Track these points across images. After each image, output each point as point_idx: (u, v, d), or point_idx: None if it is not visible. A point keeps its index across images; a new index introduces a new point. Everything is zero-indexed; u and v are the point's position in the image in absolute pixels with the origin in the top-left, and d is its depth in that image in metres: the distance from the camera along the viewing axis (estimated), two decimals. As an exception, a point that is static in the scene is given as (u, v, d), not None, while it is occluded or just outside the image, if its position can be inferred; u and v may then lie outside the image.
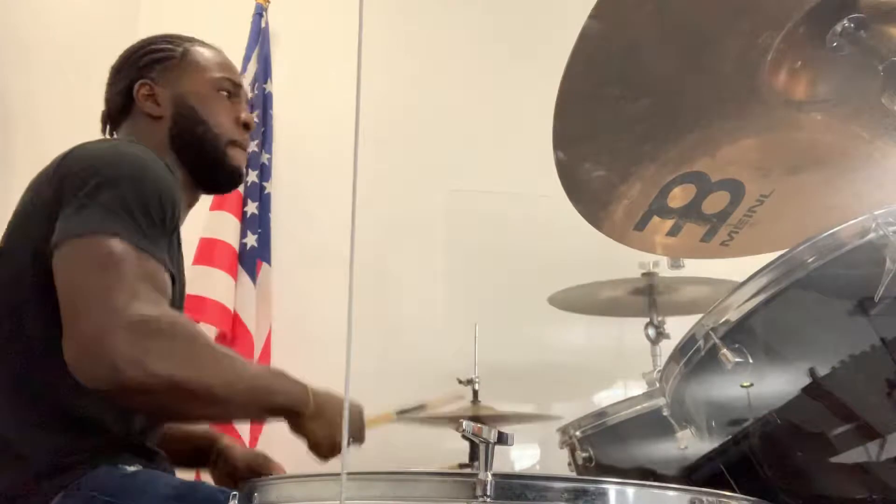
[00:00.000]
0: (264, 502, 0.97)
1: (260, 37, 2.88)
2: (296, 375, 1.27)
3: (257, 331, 2.60)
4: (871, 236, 0.95)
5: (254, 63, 2.83)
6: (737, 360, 1.05)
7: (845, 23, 1.21)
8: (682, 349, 1.17)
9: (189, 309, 1.59)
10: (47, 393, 1.19)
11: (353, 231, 0.77)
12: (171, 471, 1.35)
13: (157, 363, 1.07)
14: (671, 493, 0.92)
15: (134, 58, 1.46)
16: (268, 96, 2.86)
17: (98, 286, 1.10)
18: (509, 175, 2.88)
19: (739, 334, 1.06)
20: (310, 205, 2.84)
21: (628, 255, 1.62)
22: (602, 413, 1.61)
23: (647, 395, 1.54)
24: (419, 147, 2.96)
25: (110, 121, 1.47)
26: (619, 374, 2.74)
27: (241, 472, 1.50)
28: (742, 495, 0.98)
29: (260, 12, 2.91)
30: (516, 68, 2.97)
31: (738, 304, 1.06)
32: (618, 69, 1.25)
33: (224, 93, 1.46)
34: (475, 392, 2.04)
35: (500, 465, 0.87)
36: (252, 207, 2.71)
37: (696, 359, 1.14)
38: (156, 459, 1.30)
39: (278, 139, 2.86)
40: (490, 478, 0.84)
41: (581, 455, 1.61)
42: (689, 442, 1.27)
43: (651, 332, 2.23)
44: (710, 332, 1.08)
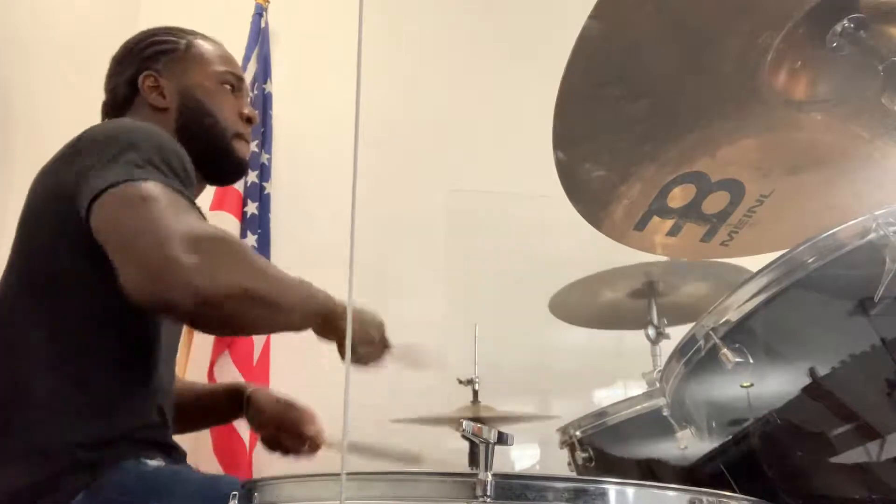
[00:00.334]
0: (264, 502, 0.97)
1: (260, 37, 2.88)
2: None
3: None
4: (872, 236, 0.95)
5: (254, 63, 2.82)
6: (737, 360, 1.05)
7: (845, 23, 1.21)
8: (683, 349, 1.17)
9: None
10: (68, 389, 1.19)
11: (353, 231, 0.77)
12: (186, 464, 1.35)
13: (222, 273, 1.10)
14: (671, 493, 0.93)
15: (137, 49, 1.46)
16: (268, 96, 2.86)
17: (146, 218, 1.11)
18: (509, 175, 2.87)
19: (740, 334, 1.06)
20: (310, 205, 2.84)
21: (628, 255, 1.62)
22: (602, 413, 1.61)
23: (647, 395, 1.54)
24: (419, 147, 2.96)
25: (112, 111, 1.47)
26: (619, 374, 2.74)
27: (268, 420, 1.55)
28: (742, 495, 0.98)
29: (260, 12, 2.91)
30: (516, 68, 2.97)
31: (738, 304, 1.06)
32: (618, 69, 1.25)
33: (228, 86, 1.48)
34: (475, 392, 2.04)
35: (500, 465, 0.87)
36: (252, 208, 2.70)
37: (696, 359, 1.14)
38: (174, 454, 1.30)
39: (278, 139, 2.86)
40: (490, 478, 0.84)
41: (581, 455, 1.61)
42: (689, 442, 1.27)
43: (651, 332, 2.22)
44: (711, 332, 1.08)
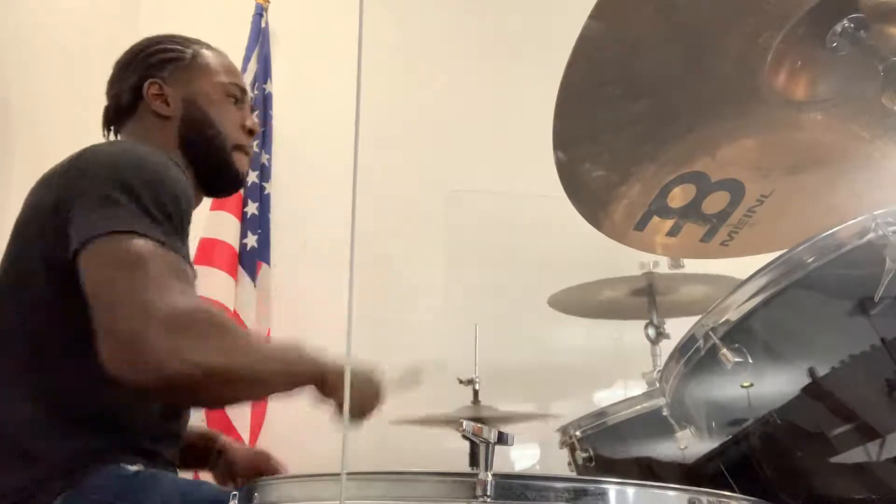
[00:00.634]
0: (264, 502, 0.97)
1: (260, 37, 2.88)
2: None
3: (257, 331, 2.60)
4: (871, 236, 0.95)
5: (254, 63, 2.82)
6: (737, 360, 1.05)
7: (845, 23, 1.21)
8: (682, 349, 1.17)
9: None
10: (54, 394, 1.19)
11: (353, 232, 0.77)
12: (172, 471, 1.35)
13: (196, 354, 1.09)
14: (671, 493, 0.93)
15: (143, 55, 1.46)
16: (268, 96, 2.85)
17: (128, 286, 1.11)
18: (509, 175, 2.87)
19: (739, 334, 1.06)
20: (310, 205, 2.84)
21: (628, 255, 1.62)
22: (602, 413, 1.61)
23: (647, 395, 1.54)
24: (419, 147, 2.96)
25: (114, 116, 1.46)
26: (619, 374, 2.74)
27: (241, 472, 1.50)
28: (742, 495, 0.98)
29: (260, 12, 2.91)
30: (516, 68, 2.97)
31: (737, 304, 1.06)
32: (618, 69, 1.25)
33: (232, 98, 1.47)
34: (475, 392, 2.04)
35: (500, 465, 0.87)
36: (252, 208, 2.70)
37: (696, 359, 1.14)
38: (157, 460, 1.30)
39: (278, 139, 2.86)
40: (490, 478, 0.84)
41: (581, 455, 1.61)
42: (689, 442, 1.27)
43: (651, 332, 2.23)
44: (710, 332, 1.08)
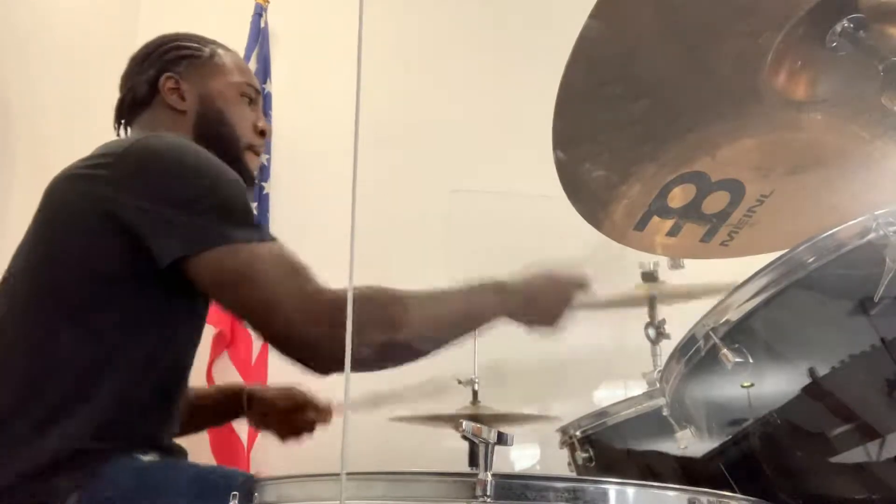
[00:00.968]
0: (264, 502, 0.97)
1: (259, 37, 2.88)
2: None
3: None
4: (871, 236, 0.95)
5: (253, 63, 2.82)
6: (737, 360, 1.05)
7: (845, 23, 1.21)
8: (682, 349, 1.17)
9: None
10: (67, 387, 1.19)
11: (353, 231, 0.77)
12: (183, 458, 1.35)
13: (364, 332, 1.14)
14: (671, 493, 0.93)
15: (160, 51, 1.47)
16: (267, 96, 2.85)
17: (269, 287, 1.19)
18: (509, 175, 2.87)
19: (739, 334, 1.06)
20: (310, 205, 2.84)
21: (628, 256, 1.61)
22: (602, 413, 1.61)
23: (647, 395, 1.54)
24: (419, 147, 2.96)
25: (128, 109, 1.47)
26: (619, 374, 2.74)
27: (278, 409, 1.58)
28: (742, 495, 0.98)
29: (260, 12, 2.91)
30: (516, 68, 2.97)
31: (738, 304, 1.06)
32: (618, 69, 1.25)
33: (246, 98, 1.49)
34: (475, 392, 2.04)
35: (500, 465, 0.87)
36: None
37: (696, 359, 1.14)
38: (172, 452, 1.30)
39: (278, 139, 2.85)
40: (490, 478, 0.84)
41: (581, 455, 1.60)
42: (689, 442, 1.27)
43: (651, 332, 2.22)
44: (711, 332, 1.08)
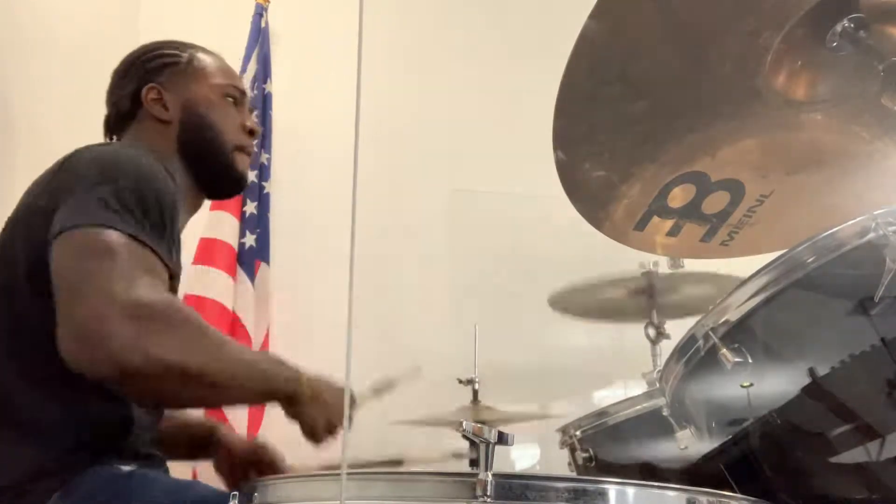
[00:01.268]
0: (264, 502, 0.97)
1: (260, 37, 2.88)
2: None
3: (256, 331, 2.60)
4: (871, 236, 0.95)
5: (254, 63, 2.82)
6: (737, 360, 1.05)
7: (845, 23, 1.21)
8: (682, 349, 1.17)
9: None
10: (46, 393, 1.19)
11: (353, 231, 0.77)
12: (164, 471, 1.35)
13: (155, 347, 1.06)
14: (671, 493, 0.93)
15: (140, 62, 1.46)
16: (267, 96, 2.85)
17: (93, 273, 1.09)
18: (510, 175, 2.87)
19: (739, 334, 1.06)
20: (309, 205, 2.83)
21: (628, 255, 1.61)
22: (602, 413, 1.61)
23: (647, 395, 1.54)
24: (419, 147, 2.96)
25: (115, 124, 1.47)
26: (619, 374, 2.74)
27: (240, 464, 1.50)
28: (742, 495, 0.98)
29: (260, 12, 2.91)
30: (516, 68, 2.96)
31: (737, 304, 1.06)
32: (618, 69, 1.25)
33: (230, 99, 1.48)
34: (475, 392, 2.04)
35: (500, 465, 0.87)
36: (251, 207, 2.70)
37: (696, 359, 1.14)
38: (152, 461, 1.30)
39: (278, 139, 2.86)
40: (490, 478, 0.84)
41: (581, 455, 1.60)
42: (689, 442, 1.27)
43: (651, 332, 2.22)
44: (710, 332, 1.08)
